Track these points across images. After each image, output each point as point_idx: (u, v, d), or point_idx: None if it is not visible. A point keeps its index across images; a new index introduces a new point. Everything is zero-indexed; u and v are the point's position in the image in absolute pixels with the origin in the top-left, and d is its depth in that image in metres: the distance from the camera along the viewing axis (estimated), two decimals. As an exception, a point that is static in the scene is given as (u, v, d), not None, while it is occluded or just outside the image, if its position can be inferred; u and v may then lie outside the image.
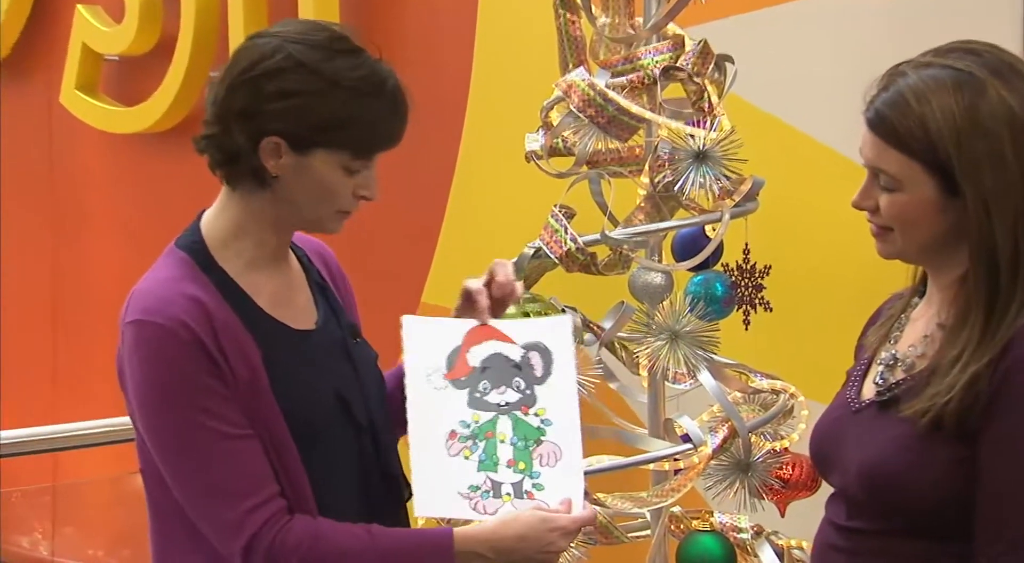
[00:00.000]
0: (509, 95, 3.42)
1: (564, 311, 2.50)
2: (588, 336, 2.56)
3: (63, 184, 4.55)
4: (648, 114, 2.46)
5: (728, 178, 2.44)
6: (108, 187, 4.46)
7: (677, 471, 2.46)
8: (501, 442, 1.84)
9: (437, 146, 3.59)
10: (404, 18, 3.69)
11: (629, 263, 2.55)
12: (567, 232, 2.46)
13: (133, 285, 1.84)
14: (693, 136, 2.42)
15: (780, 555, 2.55)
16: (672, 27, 2.59)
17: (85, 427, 3.46)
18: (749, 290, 2.64)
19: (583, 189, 2.59)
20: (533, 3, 3.02)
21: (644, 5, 2.60)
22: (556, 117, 2.58)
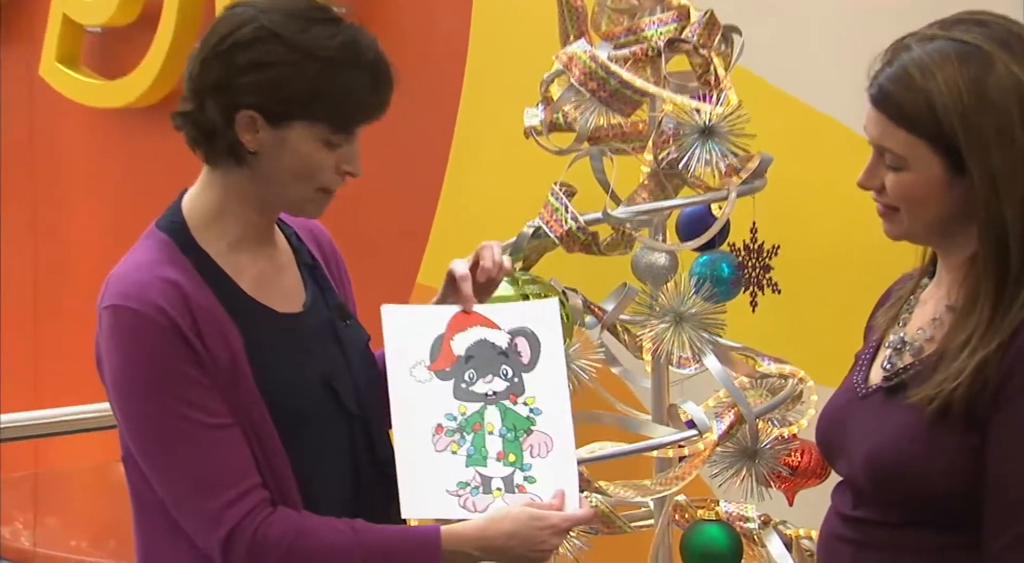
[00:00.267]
0: (507, 68, 3.42)
1: (564, 293, 2.50)
2: (589, 319, 2.57)
3: (43, 161, 4.55)
4: (652, 88, 2.46)
5: (735, 154, 2.44)
6: (91, 164, 4.45)
7: (681, 458, 2.47)
8: (489, 434, 1.83)
9: (432, 122, 3.58)
10: (398, -12, 3.69)
11: (632, 243, 2.55)
12: (568, 211, 2.46)
13: (114, 266, 1.84)
14: (699, 111, 2.42)
15: (788, 545, 2.56)
16: (677, -3, 2.59)
17: (68, 413, 3.47)
18: (756, 271, 2.64)
19: (584, 166, 2.59)
20: (532, -28, 3.02)
21: (648, -26, 2.59)
22: (556, 91, 2.57)
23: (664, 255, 2.59)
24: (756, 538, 2.57)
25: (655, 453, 2.51)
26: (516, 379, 1.86)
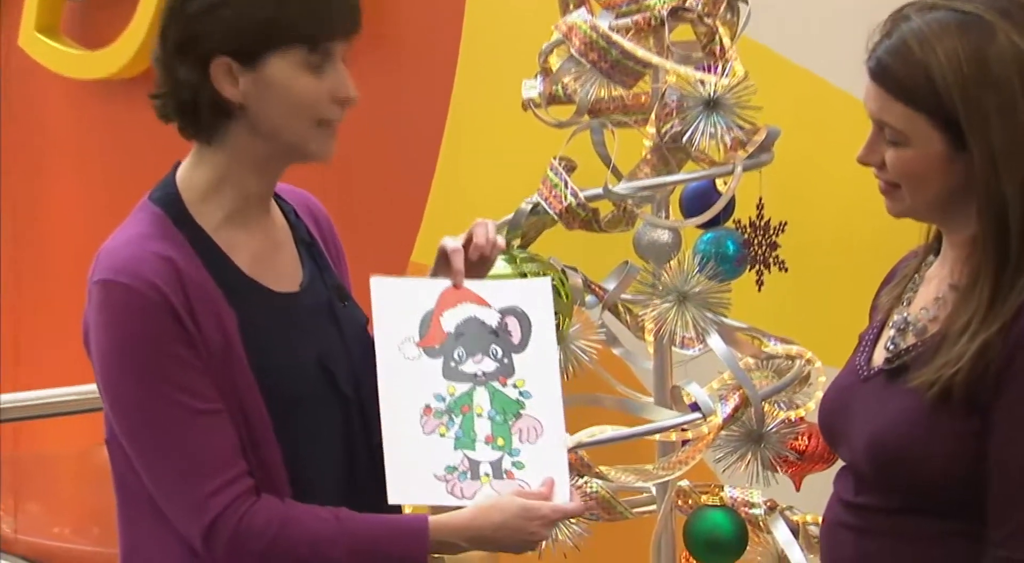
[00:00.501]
0: (505, 38, 3.41)
1: (564, 271, 2.51)
2: (590, 298, 2.57)
3: (21, 135, 4.53)
4: (655, 58, 2.46)
5: (741, 127, 2.44)
6: (71, 138, 4.44)
7: (685, 442, 2.48)
8: (478, 416, 1.83)
9: (427, 94, 3.58)
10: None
11: (634, 219, 2.55)
12: (567, 186, 2.46)
13: (98, 244, 1.84)
14: (703, 82, 2.42)
15: (795, 531, 2.57)
16: (681, -36, 2.58)
17: (50, 395, 3.47)
18: (763, 248, 2.65)
19: (584, 140, 2.59)
20: (530, -62, 3.01)
21: (650, -60, 2.59)
22: (555, 62, 2.57)
23: (667, 232, 2.59)
24: (762, 524, 2.58)
25: (657, 437, 2.52)
26: (506, 360, 1.86)
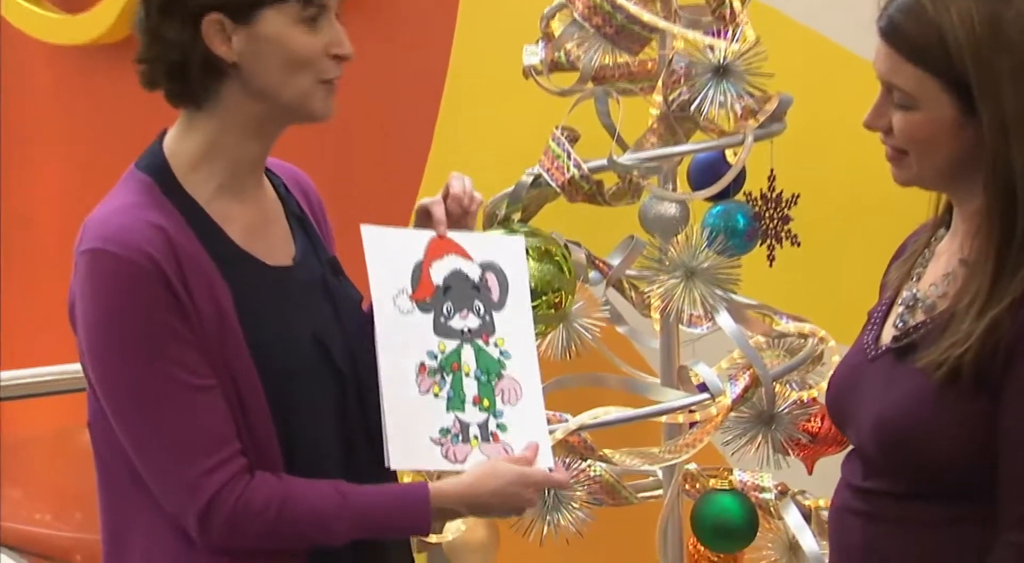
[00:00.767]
0: (505, 2, 3.41)
1: (566, 246, 2.51)
2: (593, 274, 2.57)
3: (1, 103, 4.53)
4: (662, 23, 2.45)
5: (752, 95, 2.44)
6: (52, 107, 4.44)
7: (692, 424, 2.48)
8: (466, 375, 1.87)
9: (424, 61, 3.57)
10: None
11: (640, 192, 2.55)
12: (570, 157, 2.46)
13: (82, 215, 1.84)
14: (712, 48, 2.41)
15: (807, 517, 2.58)
16: (689, -76, 2.58)
17: (30, 375, 3.47)
18: (774, 222, 2.65)
19: (588, 109, 2.59)
20: None
21: (657, -101, 2.58)
22: (558, 27, 2.57)
23: (674, 205, 2.59)
24: (772, 509, 2.59)
25: (664, 418, 2.52)
26: (487, 317, 1.90)
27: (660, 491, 2.67)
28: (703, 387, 2.48)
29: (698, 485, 2.63)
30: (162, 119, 1.91)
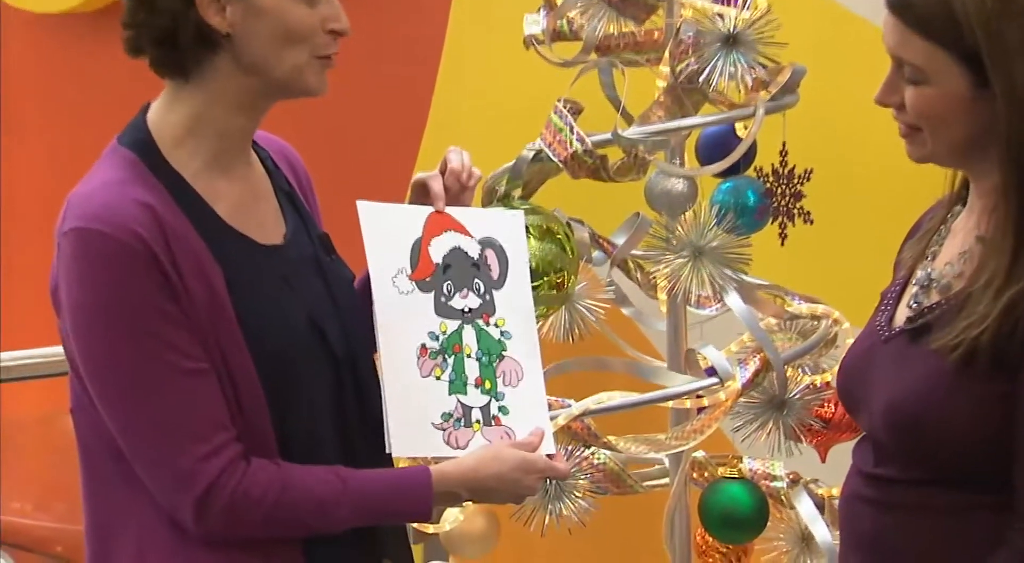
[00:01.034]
0: (504, -32, 3.40)
1: (569, 224, 2.51)
2: (597, 254, 2.57)
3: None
4: (669, -9, 2.45)
5: (763, 66, 2.43)
6: (32, 78, 4.43)
7: (700, 410, 2.48)
8: (467, 357, 1.89)
9: (419, 30, 3.56)
10: None
11: (646, 167, 2.55)
12: (573, 131, 2.46)
13: (64, 192, 1.83)
14: (721, 16, 2.41)
15: (820, 506, 2.58)
16: None
17: (8, 358, 3.47)
18: (786, 198, 2.65)
19: (592, 80, 2.58)
20: None
21: None
22: (560, -6, 2.56)
23: (682, 181, 2.59)
24: (784, 498, 2.59)
25: (671, 404, 2.52)
26: (487, 296, 1.92)
27: (667, 479, 2.67)
28: (711, 371, 2.48)
29: (706, 473, 2.63)
30: (148, 92, 1.90)
